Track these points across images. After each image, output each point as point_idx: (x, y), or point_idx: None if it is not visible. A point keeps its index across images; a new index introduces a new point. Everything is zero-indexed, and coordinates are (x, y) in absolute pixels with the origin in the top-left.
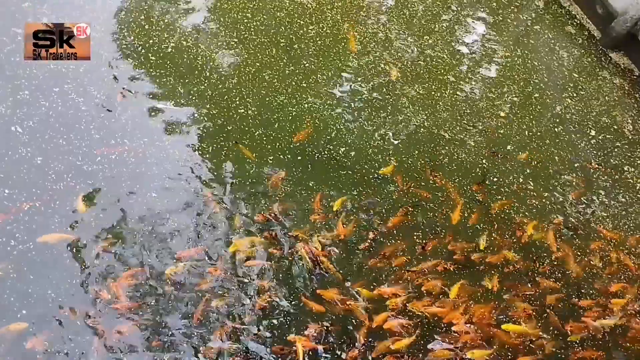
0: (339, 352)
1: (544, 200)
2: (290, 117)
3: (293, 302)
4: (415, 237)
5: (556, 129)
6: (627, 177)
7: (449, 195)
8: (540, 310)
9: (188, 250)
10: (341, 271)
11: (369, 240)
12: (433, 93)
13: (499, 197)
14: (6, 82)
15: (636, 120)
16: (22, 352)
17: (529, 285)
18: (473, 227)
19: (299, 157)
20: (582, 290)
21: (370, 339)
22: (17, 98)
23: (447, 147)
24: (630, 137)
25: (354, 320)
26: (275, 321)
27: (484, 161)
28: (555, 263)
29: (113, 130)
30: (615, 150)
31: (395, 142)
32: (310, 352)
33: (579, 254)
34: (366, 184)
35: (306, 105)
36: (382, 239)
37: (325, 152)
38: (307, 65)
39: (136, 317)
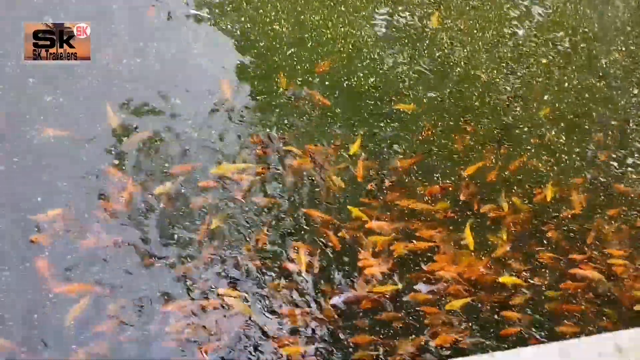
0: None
1: (574, 156)
2: (324, 39)
3: (290, 219)
4: (431, 179)
5: (598, 84)
6: None
7: (477, 140)
8: (541, 266)
9: (185, 165)
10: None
11: (379, 181)
12: (475, 31)
13: (528, 147)
14: None
15: None
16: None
17: (542, 242)
18: (495, 176)
19: (327, 82)
20: (592, 251)
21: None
22: None
23: (481, 89)
24: None
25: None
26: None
27: (517, 109)
28: (573, 221)
29: (142, 32)
30: None
31: (429, 77)
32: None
33: (600, 213)
34: (393, 118)
35: (342, 29)
36: (395, 178)
37: (355, 79)
38: None
39: (132, 230)
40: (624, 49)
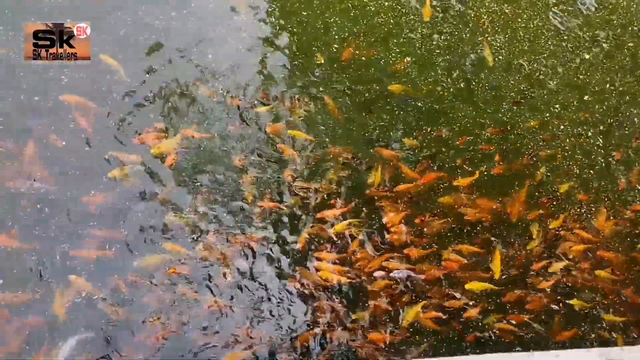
0: None
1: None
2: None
3: None
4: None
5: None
6: None
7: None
8: None
9: None
10: None
11: None
12: (519, 19)
13: (549, 150)
14: None
15: None
16: None
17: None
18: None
19: (363, 58)
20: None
21: None
22: None
23: (525, 82)
24: None
25: None
26: None
27: (557, 106)
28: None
29: None
30: None
31: (467, 64)
32: None
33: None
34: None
35: (386, 3)
36: None
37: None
38: None
39: None
40: None
